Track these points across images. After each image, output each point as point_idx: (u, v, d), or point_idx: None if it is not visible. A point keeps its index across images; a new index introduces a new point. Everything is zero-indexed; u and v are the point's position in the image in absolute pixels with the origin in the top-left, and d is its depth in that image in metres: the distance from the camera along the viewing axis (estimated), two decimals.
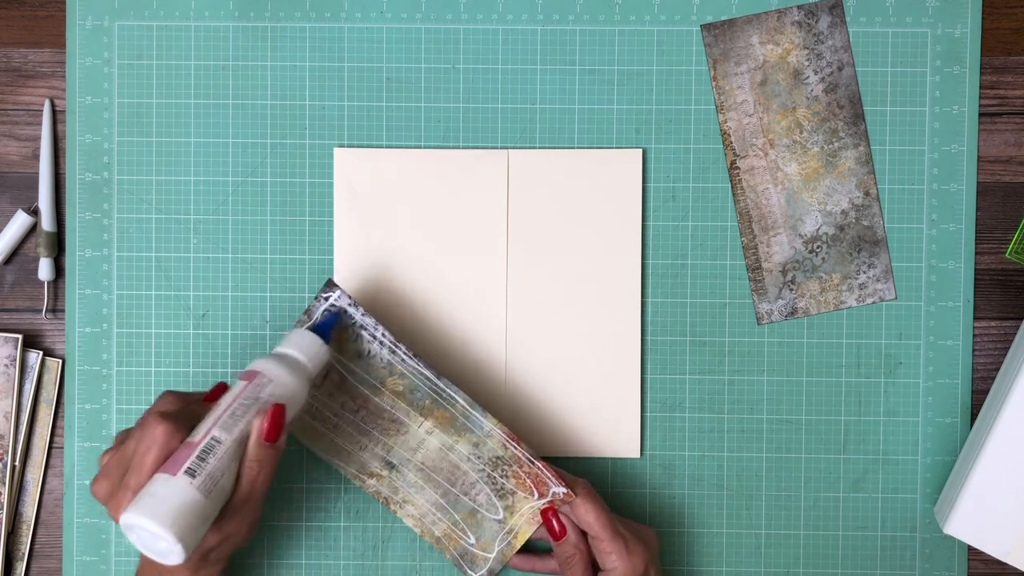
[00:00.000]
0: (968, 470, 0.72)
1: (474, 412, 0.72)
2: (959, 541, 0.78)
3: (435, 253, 0.77)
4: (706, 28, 0.77)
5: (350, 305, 0.72)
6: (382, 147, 0.77)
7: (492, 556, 0.73)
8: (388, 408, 0.73)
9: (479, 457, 0.73)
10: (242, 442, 0.63)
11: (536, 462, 0.72)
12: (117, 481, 0.63)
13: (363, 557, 0.78)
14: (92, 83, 0.77)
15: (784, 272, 0.77)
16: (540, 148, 0.77)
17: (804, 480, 0.78)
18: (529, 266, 0.77)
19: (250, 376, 0.65)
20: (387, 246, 0.77)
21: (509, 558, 0.73)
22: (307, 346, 0.67)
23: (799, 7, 0.77)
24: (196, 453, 0.61)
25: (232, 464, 0.62)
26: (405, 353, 0.72)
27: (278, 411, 0.63)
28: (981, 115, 0.78)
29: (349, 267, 0.77)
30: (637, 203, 0.77)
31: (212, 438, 0.61)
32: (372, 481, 0.74)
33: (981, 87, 0.78)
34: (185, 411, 0.64)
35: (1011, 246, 0.77)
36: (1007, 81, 0.78)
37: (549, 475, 0.71)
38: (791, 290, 0.77)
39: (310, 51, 0.77)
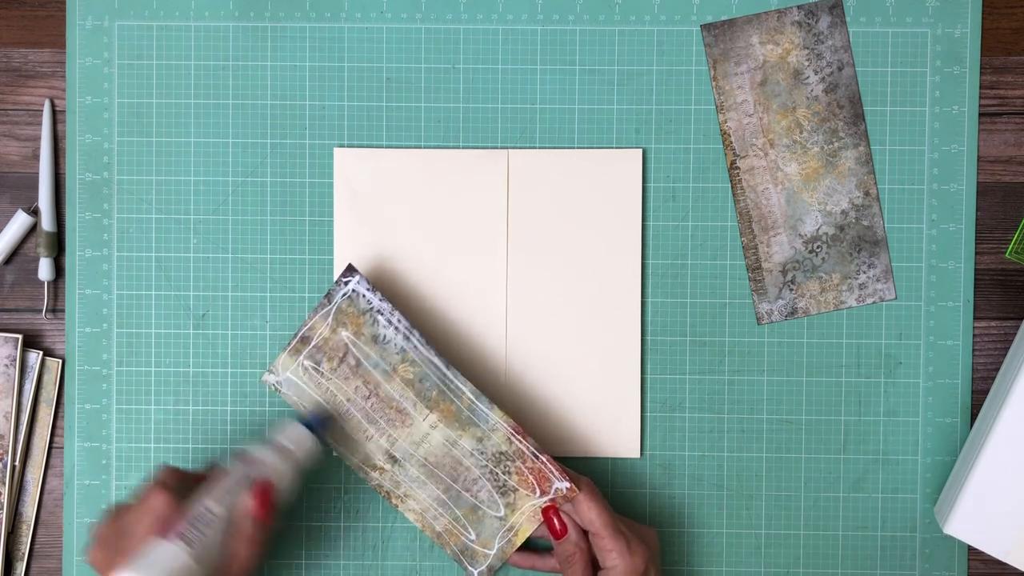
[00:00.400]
0: (968, 470, 0.72)
1: (480, 404, 0.72)
2: (959, 541, 0.77)
3: (435, 253, 0.77)
4: (706, 28, 0.77)
5: (368, 290, 0.72)
6: (382, 147, 0.77)
7: (492, 553, 0.73)
8: (396, 397, 0.73)
9: (482, 453, 0.73)
10: (233, 516, 0.65)
11: (540, 456, 0.72)
12: (113, 549, 0.64)
13: (363, 557, 0.77)
14: (92, 83, 0.77)
15: (784, 272, 0.77)
16: (540, 148, 0.77)
17: (804, 480, 0.78)
18: (529, 266, 0.77)
19: (245, 459, 0.68)
20: (387, 246, 0.77)
21: (509, 555, 0.73)
22: (299, 439, 0.70)
23: (799, 7, 0.77)
24: (190, 521, 0.63)
25: (223, 536, 0.64)
26: (419, 340, 0.72)
27: (268, 488, 0.66)
28: (981, 115, 0.78)
29: None
30: (637, 203, 0.77)
31: (206, 508, 0.64)
32: (375, 474, 0.74)
33: (981, 87, 0.78)
34: (183, 484, 0.67)
35: (1011, 246, 0.77)
36: (1007, 81, 0.78)
37: (553, 469, 0.71)
38: (791, 290, 0.77)
39: (310, 51, 0.77)
